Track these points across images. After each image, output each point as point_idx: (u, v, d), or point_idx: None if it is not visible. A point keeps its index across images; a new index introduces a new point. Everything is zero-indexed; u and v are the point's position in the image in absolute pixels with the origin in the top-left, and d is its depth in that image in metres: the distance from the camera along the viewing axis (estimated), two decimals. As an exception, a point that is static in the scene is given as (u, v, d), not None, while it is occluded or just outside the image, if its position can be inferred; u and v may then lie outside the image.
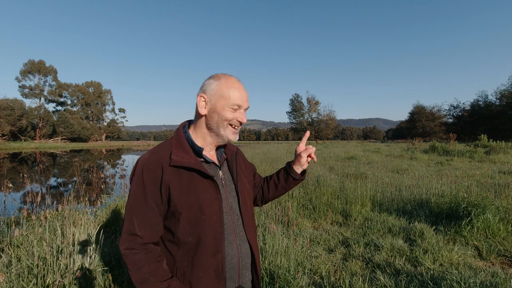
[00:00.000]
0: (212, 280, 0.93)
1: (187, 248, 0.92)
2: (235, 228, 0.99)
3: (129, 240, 0.88)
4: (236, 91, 0.97)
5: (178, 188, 0.91)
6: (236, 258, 0.97)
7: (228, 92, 0.96)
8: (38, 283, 2.12)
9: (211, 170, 1.00)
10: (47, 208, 3.60)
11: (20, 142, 45.05)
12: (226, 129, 0.99)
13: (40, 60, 60.14)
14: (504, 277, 2.34)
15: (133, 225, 0.89)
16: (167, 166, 0.91)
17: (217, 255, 0.93)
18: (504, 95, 43.09)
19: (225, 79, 0.99)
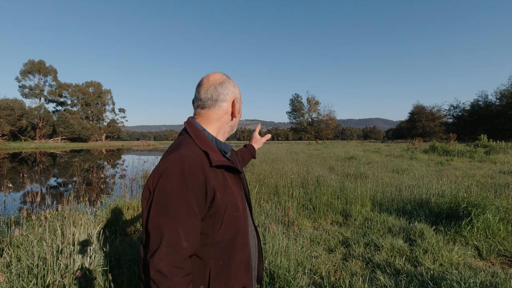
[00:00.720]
0: (244, 274, 0.93)
1: (221, 247, 0.88)
2: (248, 218, 1.03)
3: (172, 255, 0.76)
4: (239, 93, 1.07)
5: (222, 189, 0.88)
6: (256, 247, 1.06)
7: (237, 91, 1.06)
8: (38, 283, 2.12)
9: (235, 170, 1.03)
10: (47, 208, 3.60)
11: (20, 142, 45.05)
12: (235, 127, 1.10)
13: (40, 60, 60.13)
14: (504, 277, 2.34)
15: (179, 238, 0.78)
16: (208, 168, 0.85)
17: (244, 248, 0.94)
18: (504, 95, 43.10)
19: (231, 79, 1.06)
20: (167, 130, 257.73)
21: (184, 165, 0.81)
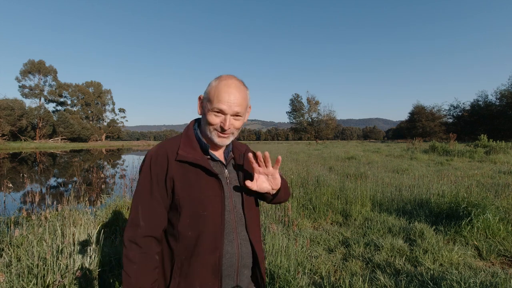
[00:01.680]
0: (209, 276, 0.94)
1: (186, 243, 0.93)
2: (236, 227, 0.99)
3: (132, 230, 0.92)
4: (223, 94, 0.93)
5: (182, 182, 0.93)
6: (236, 256, 0.97)
7: (214, 96, 0.94)
8: (38, 283, 2.12)
9: (217, 168, 1.01)
10: (47, 208, 3.60)
11: (20, 142, 45.05)
12: (212, 132, 0.98)
13: (40, 60, 60.14)
14: (504, 277, 2.34)
15: (138, 215, 0.93)
16: (172, 160, 0.94)
17: (215, 252, 0.93)
18: (504, 95, 43.10)
19: (220, 81, 0.96)
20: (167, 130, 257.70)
21: (154, 154, 0.96)
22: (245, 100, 0.98)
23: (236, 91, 0.94)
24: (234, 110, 0.94)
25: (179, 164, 0.94)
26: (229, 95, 0.93)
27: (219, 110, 0.93)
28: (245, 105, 0.98)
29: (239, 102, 0.95)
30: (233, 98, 0.93)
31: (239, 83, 0.98)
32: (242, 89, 0.97)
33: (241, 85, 0.98)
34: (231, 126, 0.96)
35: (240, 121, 0.99)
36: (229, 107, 0.93)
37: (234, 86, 0.95)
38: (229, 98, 0.93)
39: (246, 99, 0.99)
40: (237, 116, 0.97)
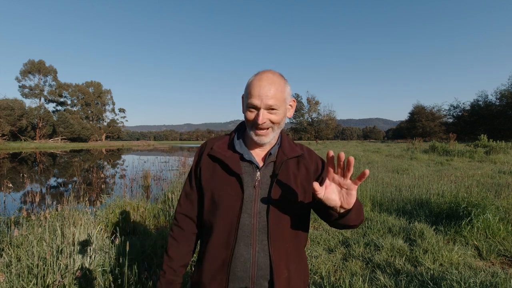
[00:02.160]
0: (218, 269, 0.94)
1: (205, 230, 1.01)
2: (257, 233, 0.93)
3: (177, 207, 1.09)
4: (255, 89, 0.90)
5: (207, 175, 0.99)
6: (251, 263, 0.92)
7: (247, 92, 0.92)
8: (38, 283, 2.12)
9: (247, 168, 0.97)
10: (47, 208, 3.60)
11: (20, 142, 45.05)
12: (250, 130, 0.95)
13: (40, 60, 60.16)
14: (504, 277, 2.34)
15: (180, 196, 1.09)
16: (205, 154, 1.02)
17: (228, 249, 0.93)
18: (504, 95, 43.11)
19: (254, 77, 0.93)
20: (167, 130, 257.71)
21: (198, 147, 1.09)
22: (281, 92, 0.92)
23: (268, 84, 0.90)
24: (267, 104, 0.89)
25: (210, 158, 1.01)
26: (260, 89, 0.89)
27: (252, 105, 0.91)
28: (280, 97, 0.91)
29: (272, 95, 0.89)
30: (265, 91, 0.89)
31: (273, 75, 0.93)
32: (275, 81, 0.91)
33: (276, 77, 0.93)
34: (266, 120, 0.91)
35: (277, 115, 0.92)
36: (261, 101, 0.89)
37: (266, 79, 0.91)
38: (260, 91, 0.89)
39: (283, 92, 0.93)
40: (272, 110, 0.91)
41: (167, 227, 3.96)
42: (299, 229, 0.98)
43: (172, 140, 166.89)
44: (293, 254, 0.97)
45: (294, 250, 0.98)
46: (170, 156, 20.29)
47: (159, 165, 12.64)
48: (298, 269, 0.98)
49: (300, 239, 1.00)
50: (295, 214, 0.96)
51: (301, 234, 1.00)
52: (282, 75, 0.96)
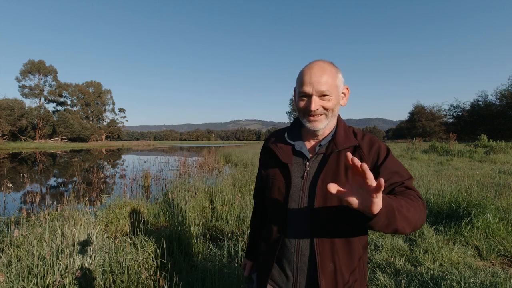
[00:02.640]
0: (270, 249, 1.03)
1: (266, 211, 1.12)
2: (303, 222, 0.95)
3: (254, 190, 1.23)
4: (305, 77, 0.91)
5: (264, 164, 1.11)
6: (295, 248, 0.95)
7: (298, 82, 0.94)
8: (38, 283, 2.12)
9: (297, 158, 1.00)
10: (47, 208, 3.60)
11: (20, 142, 45.05)
12: (303, 118, 0.96)
13: (40, 60, 60.17)
14: (504, 277, 2.34)
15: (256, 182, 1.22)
16: (264, 145, 1.13)
17: (279, 232, 1.00)
18: (504, 95, 43.13)
19: (305, 67, 0.95)
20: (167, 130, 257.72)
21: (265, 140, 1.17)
22: (332, 78, 0.91)
23: (318, 71, 0.90)
24: (319, 90, 0.89)
25: (267, 149, 1.10)
26: (311, 76, 0.90)
27: (304, 93, 0.92)
28: (332, 83, 0.91)
29: (324, 81, 0.89)
30: (315, 78, 0.89)
31: (323, 63, 0.93)
32: (326, 69, 0.91)
33: (326, 65, 0.93)
34: (318, 107, 0.90)
35: (330, 102, 0.91)
36: (312, 88, 0.89)
37: (317, 67, 0.91)
38: (311, 79, 0.90)
39: (334, 78, 0.92)
40: (324, 96, 0.90)
41: (167, 227, 3.96)
42: (348, 223, 0.92)
43: (172, 140, 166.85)
44: (342, 247, 0.92)
45: (343, 243, 0.93)
46: (170, 156, 20.29)
47: (159, 165, 12.64)
48: (348, 264, 0.92)
49: (350, 233, 0.93)
50: (343, 207, 0.91)
51: (352, 228, 0.93)
52: (333, 63, 0.96)
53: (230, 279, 2.37)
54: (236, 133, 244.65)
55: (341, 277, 0.91)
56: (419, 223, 0.81)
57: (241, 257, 2.68)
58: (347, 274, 0.92)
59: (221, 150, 23.23)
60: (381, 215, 0.72)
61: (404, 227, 0.76)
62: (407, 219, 0.76)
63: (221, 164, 13.43)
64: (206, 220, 4.28)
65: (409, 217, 0.77)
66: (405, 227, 0.77)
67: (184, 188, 5.45)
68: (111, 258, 2.60)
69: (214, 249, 3.10)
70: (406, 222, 0.76)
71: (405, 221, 0.76)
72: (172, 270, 2.65)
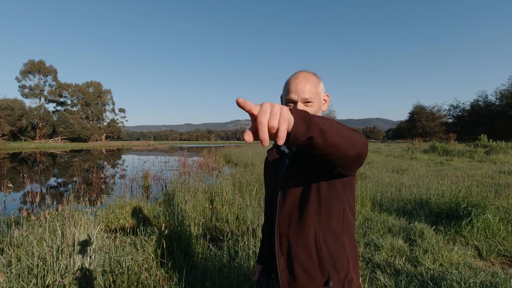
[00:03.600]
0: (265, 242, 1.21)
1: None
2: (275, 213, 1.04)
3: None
4: (291, 86, 0.99)
5: (264, 168, 1.20)
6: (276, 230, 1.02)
7: (285, 90, 1.02)
8: (38, 283, 2.12)
9: (283, 157, 1.09)
10: (47, 208, 3.60)
11: (20, 142, 45.04)
12: None
13: (40, 60, 60.18)
14: (504, 277, 2.34)
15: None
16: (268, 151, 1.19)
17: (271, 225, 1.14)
18: (504, 95, 43.14)
19: (291, 76, 1.03)
20: (167, 130, 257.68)
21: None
22: (314, 87, 1.00)
23: (303, 80, 0.99)
24: (303, 97, 0.98)
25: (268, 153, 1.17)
26: (296, 85, 0.98)
27: (290, 100, 0.99)
28: (314, 91, 0.99)
29: (308, 89, 0.98)
30: (300, 86, 0.98)
31: (307, 73, 1.02)
32: (309, 78, 1.00)
33: (310, 74, 1.02)
34: None
35: (312, 108, 0.99)
36: (297, 95, 0.98)
37: (302, 77, 1.00)
38: (296, 87, 0.98)
39: (316, 87, 1.01)
40: (308, 103, 0.99)
41: (167, 227, 3.96)
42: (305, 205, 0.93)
43: (172, 140, 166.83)
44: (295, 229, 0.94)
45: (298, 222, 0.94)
46: (170, 156, 20.29)
47: (159, 165, 12.64)
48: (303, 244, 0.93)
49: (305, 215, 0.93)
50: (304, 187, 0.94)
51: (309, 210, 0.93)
52: (315, 73, 1.06)
53: (230, 279, 2.37)
54: (236, 133, 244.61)
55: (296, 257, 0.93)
56: (350, 135, 0.70)
57: (241, 257, 2.68)
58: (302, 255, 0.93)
59: (221, 150, 23.23)
60: (295, 118, 0.58)
61: (328, 130, 0.63)
62: (329, 124, 0.65)
63: (221, 164, 13.43)
64: (206, 220, 4.28)
65: (332, 124, 0.66)
66: (331, 132, 0.64)
67: (184, 188, 5.45)
68: (111, 258, 2.60)
69: (214, 249, 3.10)
70: (329, 126, 0.64)
71: (327, 124, 0.64)
72: (172, 270, 2.65)
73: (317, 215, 0.94)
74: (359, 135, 0.75)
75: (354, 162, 0.76)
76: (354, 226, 1.01)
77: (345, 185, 0.95)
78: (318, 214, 0.94)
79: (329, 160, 0.72)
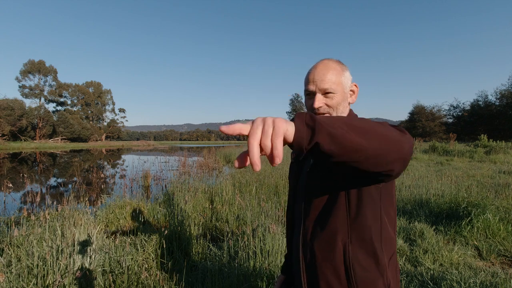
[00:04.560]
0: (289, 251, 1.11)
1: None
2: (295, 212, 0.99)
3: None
4: (309, 75, 0.91)
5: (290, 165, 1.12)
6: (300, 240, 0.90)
7: (305, 81, 0.93)
8: (38, 283, 2.12)
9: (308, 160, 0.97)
10: (47, 208, 3.60)
11: (20, 142, 45.04)
12: None
13: (40, 60, 60.17)
14: (504, 277, 2.34)
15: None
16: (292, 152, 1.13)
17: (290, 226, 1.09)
18: (504, 95, 43.16)
19: (312, 66, 0.94)
20: (167, 130, 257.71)
21: None
22: (336, 76, 0.88)
23: (322, 69, 0.89)
24: (321, 87, 0.88)
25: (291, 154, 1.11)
26: (314, 75, 0.89)
27: (308, 91, 0.91)
28: (336, 81, 0.88)
29: (328, 79, 0.87)
30: (319, 75, 0.88)
31: (328, 61, 0.91)
32: (330, 66, 0.89)
33: (331, 62, 0.91)
34: (322, 104, 0.88)
35: (333, 99, 0.88)
36: (315, 86, 0.88)
37: (321, 65, 0.90)
38: (314, 77, 0.89)
39: (339, 75, 0.89)
40: (328, 94, 0.88)
41: (167, 227, 3.96)
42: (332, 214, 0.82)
43: (172, 140, 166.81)
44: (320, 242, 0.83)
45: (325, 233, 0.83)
46: (170, 156, 20.29)
47: (159, 165, 12.64)
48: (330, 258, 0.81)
49: (332, 225, 0.82)
50: (331, 195, 0.84)
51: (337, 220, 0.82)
52: (339, 61, 0.94)
53: (230, 279, 2.37)
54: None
55: (322, 274, 0.81)
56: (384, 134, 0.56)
57: (241, 257, 2.68)
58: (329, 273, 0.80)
59: (221, 150, 23.23)
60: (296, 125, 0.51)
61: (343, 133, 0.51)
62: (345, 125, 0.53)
63: (221, 164, 13.43)
64: (206, 220, 4.28)
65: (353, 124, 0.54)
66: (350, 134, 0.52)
67: (184, 188, 5.45)
68: (111, 258, 2.60)
69: (214, 249, 3.10)
70: (346, 127, 0.52)
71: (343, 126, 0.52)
72: (172, 270, 2.65)
73: (346, 226, 0.81)
74: (399, 133, 0.59)
75: (393, 168, 0.59)
76: (395, 242, 0.87)
77: (381, 191, 0.81)
78: (348, 225, 0.80)
79: (357, 168, 0.57)
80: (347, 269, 0.78)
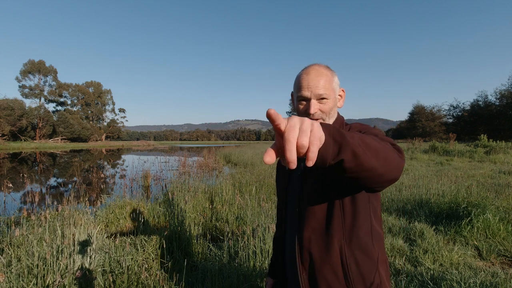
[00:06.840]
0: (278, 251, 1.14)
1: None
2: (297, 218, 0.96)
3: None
4: (302, 82, 0.90)
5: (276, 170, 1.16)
6: (289, 243, 0.98)
7: (296, 86, 0.93)
8: (38, 283, 2.12)
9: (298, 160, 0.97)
10: (47, 208, 3.60)
11: (20, 142, 45.03)
12: None
13: (40, 60, 60.17)
14: (504, 277, 2.34)
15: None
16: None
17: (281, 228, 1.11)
18: (504, 95, 43.19)
19: (301, 71, 0.94)
20: (167, 130, 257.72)
21: None
22: (328, 82, 0.91)
23: (315, 74, 0.90)
24: (316, 93, 0.89)
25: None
26: (308, 81, 0.90)
27: (302, 97, 0.91)
28: (329, 87, 0.91)
29: (322, 85, 0.89)
30: (314, 82, 0.89)
31: (319, 67, 0.93)
32: (322, 72, 0.91)
33: (322, 68, 0.93)
34: (317, 110, 0.90)
35: (327, 105, 0.91)
36: (310, 92, 0.89)
37: (314, 71, 0.91)
38: (308, 83, 0.90)
39: (330, 82, 0.92)
40: (322, 100, 0.90)
41: (167, 227, 3.96)
42: (328, 218, 0.87)
43: (172, 140, 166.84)
44: (317, 243, 0.87)
45: (321, 237, 0.87)
46: (170, 156, 20.29)
47: (159, 165, 12.64)
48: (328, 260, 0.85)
49: (329, 228, 0.86)
50: (327, 200, 0.88)
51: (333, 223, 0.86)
52: (328, 66, 0.96)
53: (230, 279, 2.37)
54: (236, 133, 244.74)
55: (321, 274, 0.85)
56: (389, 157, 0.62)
57: (241, 257, 2.68)
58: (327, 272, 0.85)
59: (221, 150, 23.23)
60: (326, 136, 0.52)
61: (364, 153, 0.56)
62: (366, 145, 0.58)
63: (221, 164, 13.42)
64: (206, 220, 4.28)
65: (370, 143, 0.59)
66: (367, 155, 0.56)
67: (184, 188, 5.45)
68: (111, 258, 2.60)
69: (214, 249, 3.10)
70: (366, 147, 0.57)
71: (364, 145, 0.57)
72: (172, 270, 2.65)
73: (342, 228, 0.85)
74: (399, 156, 0.67)
75: (388, 184, 0.67)
76: (383, 237, 0.92)
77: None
78: (343, 226, 0.85)
79: (360, 183, 0.63)
80: (344, 268, 0.83)
